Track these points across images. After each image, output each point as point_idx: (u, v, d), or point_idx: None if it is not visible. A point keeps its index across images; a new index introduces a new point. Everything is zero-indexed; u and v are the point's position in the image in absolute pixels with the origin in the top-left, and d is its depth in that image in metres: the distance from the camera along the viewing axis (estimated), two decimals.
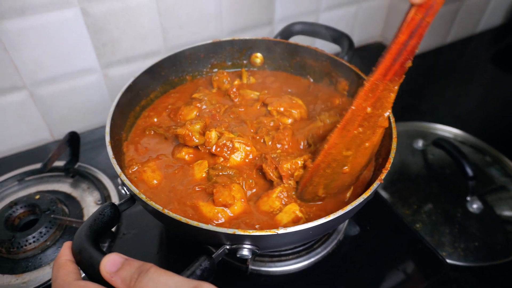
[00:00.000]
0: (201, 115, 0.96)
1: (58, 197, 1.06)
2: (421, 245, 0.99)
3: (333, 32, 1.11)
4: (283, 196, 0.79)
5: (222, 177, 0.83)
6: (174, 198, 0.81)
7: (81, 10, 1.16)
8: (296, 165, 0.81)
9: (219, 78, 1.09)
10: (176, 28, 1.37)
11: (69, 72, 1.25)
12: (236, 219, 0.78)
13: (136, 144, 0.93)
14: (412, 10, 0.65)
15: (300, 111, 0.97)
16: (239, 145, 0.87)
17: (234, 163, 0.86)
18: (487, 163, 1.44)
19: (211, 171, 0.85)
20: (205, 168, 0.85)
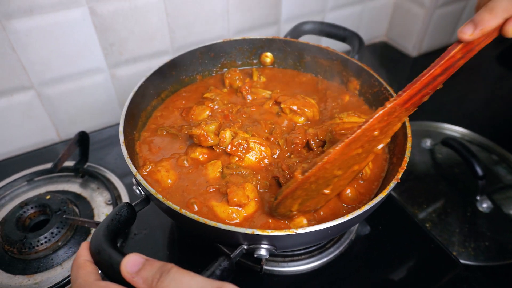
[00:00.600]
0: (213, 115, 0.96)
1: (68, 197, 1.05)
2: (434, 245, 0.99)
3: (343, 31, 1.11)
4: None
5: (236, 176, 0.83)
6: (188, 198, 0.80)
7: (89, 10, 1.16)
8: None
9: (231, 76, 1.09)
10: (183, 28, 1.37)
11: (76, 72, 1.25)
12: (251, 219, 0.78)
13: (149, 143, 0.93)
14: (456, 46, 0.63)
15: (313, 110, 0.96)
16: (254, 144, 0.87)
17: (249, 163, 0.86)
18: (494, 162, 1.44)
19: (225, 169, 0.84)
20: (218, 168, 0.85)
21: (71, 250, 0.94)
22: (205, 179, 0.84)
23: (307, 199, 0.75)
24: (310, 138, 0.87)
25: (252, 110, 0.99)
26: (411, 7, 1.87)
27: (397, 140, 0.87)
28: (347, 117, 0.91)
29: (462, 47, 0.63)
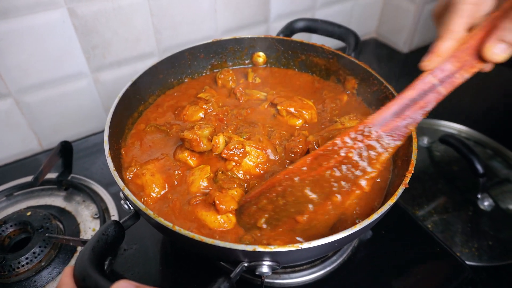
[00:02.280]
0: (207, 117, 0.90)
1: (51, 212, 0.99)
2: (440, 248, 0.95)
3: (338, 28, 1.06)
4: None
5: (229, 182, 0.77)
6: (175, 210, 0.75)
7: (68, 11, 1.10)
8: None
9: (224, 77, 1.04)
10: (169, 28, 1.31)
11: (57, 78, 1.18)
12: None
13: (138, 141, 0.88)
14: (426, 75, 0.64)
15: (311, 112, 0.91)
16: (250, 148, 0.81)
17: (247, 168, 0.80)
18: (489, 156, 1.41)
19: (220, 174, 0.79)
20: (206, 174, 0.79)
21: (56, 270, 0.87)
22: (189, 189, 0.78)
23: (275, 217, 0.68)
24: (310, 146, 0.82)
25: (248, 113, 0.94)
26: (401, 2, 1.84)
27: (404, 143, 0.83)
28: (348, 121, 0.86)
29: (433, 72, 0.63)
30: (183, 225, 0.72)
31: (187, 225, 0.72)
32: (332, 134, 0.84)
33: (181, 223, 0.73)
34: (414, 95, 0.64)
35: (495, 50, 0.57)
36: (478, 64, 0.62)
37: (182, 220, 0.73)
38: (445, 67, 0.63)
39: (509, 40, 0.56)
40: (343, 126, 0.86)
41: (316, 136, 0.84)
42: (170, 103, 1.00)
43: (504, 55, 0.57)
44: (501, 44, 0.56)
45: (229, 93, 1.03)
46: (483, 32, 0.59)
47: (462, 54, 0.61)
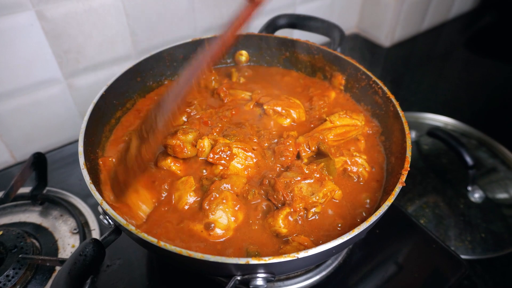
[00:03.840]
0: (190, 121, 0.85)
1: (26, 230, 0.92)
2: (435, 245, 0.92)
3: (322, 23, 1.03)
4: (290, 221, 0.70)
5: (216, 185, 0.73)
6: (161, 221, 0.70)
7: (36, 14, 1.04)
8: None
9: (206, 77, 0.99)
10: (146, 29, 1.26)
11: (28, 85, 1.12)
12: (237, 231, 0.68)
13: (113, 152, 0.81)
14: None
15: (299, 111, 0.88)
16: (238, 150, 0.77)
17: (235, 171, 0.76)
18: (474, 147, 1.41)
19: (204, 181, 0.74)
20: (191, 186, 0.74)
21: None
22: (177, 206, 0.73)
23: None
24: (301, 148, 0.79)
25: (233, 113, 0.89)
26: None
27: (393, 137, 0.80)
28: (338, 119, 0.84)
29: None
30: (179, 244, 0.67)
31: (182, 241, 0.67)
32: (322, 134, 0.81)
33: (177, 243, 0.67)
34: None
35: None
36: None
37: (178, 240, 0.68)
38: None
39: None
40: (333, 124, 0.82)
41: (306, 137, 0.81)
42: (150, 107, 0.95)
43: None
44: None
45: (212, 94, 0.98)
46: None
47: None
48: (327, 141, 0.81)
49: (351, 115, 0.85)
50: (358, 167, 0.78)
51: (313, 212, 0.71)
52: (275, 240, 0.68)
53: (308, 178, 0.73)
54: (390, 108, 0.83)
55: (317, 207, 0.71)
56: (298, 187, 0.72)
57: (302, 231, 0.70)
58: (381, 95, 0.86)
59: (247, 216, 0.72)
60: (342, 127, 0.84)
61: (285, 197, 0.70)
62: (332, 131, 0.83)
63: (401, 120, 0.77)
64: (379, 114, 0.89)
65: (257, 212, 0.72)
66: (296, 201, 0.70)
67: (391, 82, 1.81)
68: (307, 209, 0.71)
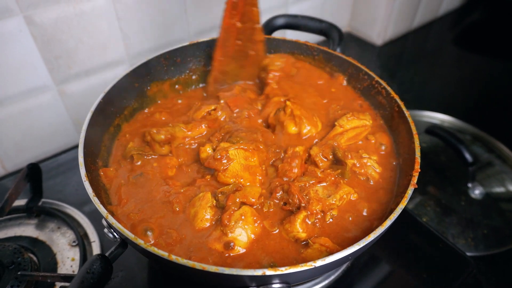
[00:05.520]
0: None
1: (22, 244, 0.88)
2: (442, 244, 0.92)
3: (320, 23, 1.01)
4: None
5: (233, 199, 0.70)
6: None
7: (25, 19, 1.00)
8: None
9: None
10: (138, 33, 1.23)
11: (17, 93, 1.08)
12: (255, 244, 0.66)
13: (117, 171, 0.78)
14: None
15: (311, 129, 0.85)
16: (236, 151, 0.74)
17: (234, 170, 0.73)
18: (469, 142, 1.42)
19: (220, 196, 0.71)
20: (208, 202, 0.70)
21: None
22: (193, 224, 0.69)
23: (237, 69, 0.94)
24: (317, 159, 0.77)
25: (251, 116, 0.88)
26: None
27: (400, 138, 0.79)
28: (347, 122, 0.83)
29: None
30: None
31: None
32: (335, 140, 0.80)
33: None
34: None
35: None
36: None
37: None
38: None
39: None
40: (343, 129, 0.82)
41: (320, 147, 0.79)
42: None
43: None
44: None
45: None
46: None
47: None
48: (342, 146, 0.80)
49: (357, 116, 0.84)
50: (367, 169, 0.77)
51: (330, 215, 0.70)
52: (294, 245, 0.66)
53: (322, 182, 0.73)
54: (395, 109, 0.82)
55: (334, 210, 0.70)
56: (314, 190, 0.71)
57: (322, 233, 0.68)
58: (385, 95, 0.85)
59: (264, 227, 0.70)
60: (353, 129, 0.82)
61: (301, 200, 0.68)
62: (344, 135, 0.82)
63: (407, 120, 0.76)
64: (383, 114, 0.88)
65: (274, 221, 0.70)
66: (313, 204, 0.68)
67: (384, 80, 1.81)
68: (324, 211, 0.70)
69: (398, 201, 0.63)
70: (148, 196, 0.73)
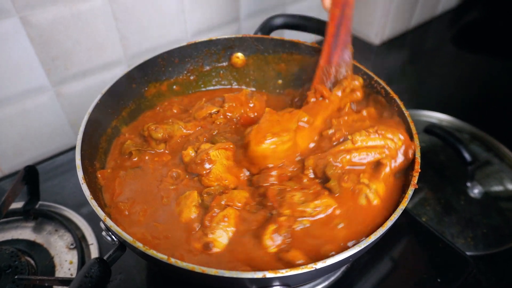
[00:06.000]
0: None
1: (19, 248, 0.87)
2: (442, 244, 0.92)
3: (318, 23, 1.01)
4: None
5: (217, 201, 0.69)
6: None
7: (21, 21, 0.99)
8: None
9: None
10: (136, 33, 1.22)
11: (14, 94, 1.07)
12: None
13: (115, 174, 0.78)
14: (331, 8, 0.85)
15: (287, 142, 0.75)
16: (215, 152, 0.74)
17: (217, 173, 0.73)
18: (467, 141, 1.41)
19: (205, 196, 0.71)
20: (193, 201, 0.70)
21: None
22: (177, 220, 0.69)
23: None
24: (306, 172, 0.71)
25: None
26: None
27: None
28: (365, 138, 0.71)
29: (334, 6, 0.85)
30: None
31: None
32: (337, 156, 0.70)
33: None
34: (333, 30, 0.85)
35: None
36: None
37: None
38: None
39: None
40: (354, 146, 0.71)
41: (316, 160, 0.71)
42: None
43: None
44: None
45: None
46: None
47: None
48: (341, 165, 0.70)
49: (384, 133, 0.71)
50: (360, 199, 0.68)
51: (300, 223, 0.65)
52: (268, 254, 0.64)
53: (306, 189, 0.68)
54: (395, 108, 0.82)
55: (305, 220, 0.64)
56: (291, 194, 0.67)
57: (293, 246, 0.63)
58: (384, 95, 0.85)
59: (243, 229, 0.68)
60: (366, 149, 0.71)
61: (273, 202, 0.66)
62: (352, 153, 0.71)
63: (407, 120, 0.76)
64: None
65: (252, 225, 0.68)
66: (283, 207, 0.65)
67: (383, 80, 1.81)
68: (294, 217, 0.65)
69: (398, 202, 0.62)
70: (142, 189, 0.75)
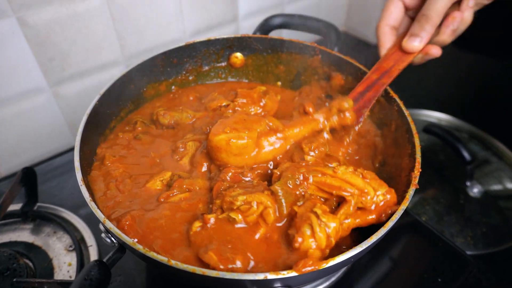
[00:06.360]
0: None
1: (17, 250, 0.87)
2: (442, 243, 0.92)
3: (317, 22, 1.01)
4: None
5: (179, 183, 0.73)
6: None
7: (18, 21, 0.99)
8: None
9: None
10: (133, 33, 1.22)
11: (11, 95, 1.07)
12: None
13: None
14: (371, 70, 0.84)
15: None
16: (191, 143, 0.81)
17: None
18: (465, 140, 1.42)
19: (174, 177, 0.75)
20: (162, 177, 0.75)
21: None
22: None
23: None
24: (272, 170, 0.71)
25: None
26: None
27: (399, 139, 0.78)
28: (347, 174, 0.65)
29: (375, 70, 0.83)
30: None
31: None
32: (311, 173, 0.66)
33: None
34: (363, 89, 0.81)
35: (411, 42, 0.80)
36: (406, 57, 0.82)
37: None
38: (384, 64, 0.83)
39: (417, 33, 0.79)
40: (334, 174, 0.65)
41: (292, 166, 0.67)
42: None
43: (419, 45, 0.80)
44: (414, 37, 0.79)
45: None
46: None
47: (393, 52, 0.84)
48: (309, 186, 0.65)
49: (371, 179, 0.66)
50: (301, 232, 0.59)
51: (225, 215, 0.63)
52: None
53: (250, 188, 0.67)
54: (394, 107, 0.81)
55: (232, 212, 0.62)
56: (233, 189, 0.66)
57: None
58: (384, 94, 0.84)
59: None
60: (345, 182, 0.65)
61: (213, 197, 0.67)
62: (327, 180, 0.65)
63: (407, 120, 0.75)
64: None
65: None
66: (218, 198, 0.66)
67: None
68: (222, 208, 0.64)
69: (399, 201, 0.62)
70: (137, 160, 0.80)
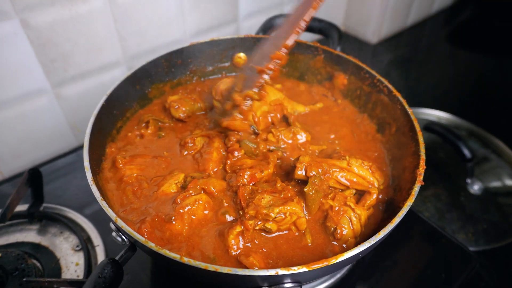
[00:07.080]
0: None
1: (25, 250, 0.87)
2: (445, 239, 0.93)
3: (319, 22, 1.02)
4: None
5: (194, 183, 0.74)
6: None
7: (21, 23, 0.99)
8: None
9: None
10: (135, 34, 1.22)
11: (13, 97, 1.07)
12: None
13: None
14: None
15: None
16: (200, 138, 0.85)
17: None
18: (465, 137, 1.43)
19: (189, 178, 0.76)
20: (176, 180, 0.75)
21: None
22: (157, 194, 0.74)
23: None
24: (298, 166, 0.72)
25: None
26: None
27: (401, 137, 0.80)
28: (359, 166, 0.74)
29: None
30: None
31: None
32: (331, 168, 0.72)
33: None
34: None
35: None
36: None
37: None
38: None
39: None
40: (349, 168, 0.73)
41: (313, 160, 0.72)
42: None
43: None
44: None
45: None
46: None
47: None
48: (331, 179, 0.73)
49: (374, 171, 0.76)
50: (342, 225, 0.68)
51: (261, 226, 0.66)
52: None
53: (276, 193, 0.69)
54: (398, 106, 0.82)
55: (268, 223, 0.66)
56: (261, 196, 0.67)
57: (252, 249, 0.66)
58: (387, 93, 0.86)
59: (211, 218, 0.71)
60: (358, 176, 0.74)
61: (242, 202, 0.68)
62: (344, 172, 0.73)
63: (410, 118, 0.77)
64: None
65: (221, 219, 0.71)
66: (250, 207, 0.66)
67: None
68: (256, 218, 0.66)
69: (405, 198, 0.63)
70: (150, 161, 0.81)
